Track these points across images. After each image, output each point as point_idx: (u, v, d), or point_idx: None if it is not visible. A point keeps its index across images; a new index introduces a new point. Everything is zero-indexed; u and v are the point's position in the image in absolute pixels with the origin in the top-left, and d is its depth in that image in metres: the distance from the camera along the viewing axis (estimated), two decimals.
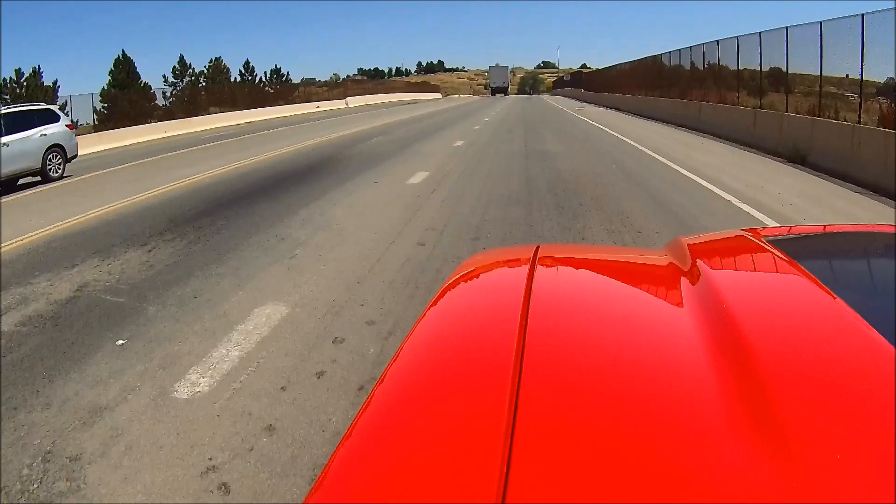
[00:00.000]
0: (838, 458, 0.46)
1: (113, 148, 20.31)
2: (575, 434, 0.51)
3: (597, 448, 0.49)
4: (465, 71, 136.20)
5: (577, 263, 1.11)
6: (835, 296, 0.74)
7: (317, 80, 57.26)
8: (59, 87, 29.44)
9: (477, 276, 1.03)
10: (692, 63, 20.53)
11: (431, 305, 0.85)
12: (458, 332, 0.78)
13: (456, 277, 0.98)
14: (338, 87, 55.39)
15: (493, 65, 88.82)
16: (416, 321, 0.79)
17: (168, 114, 30.02)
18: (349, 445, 0.54)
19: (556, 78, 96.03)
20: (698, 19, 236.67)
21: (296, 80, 51.80)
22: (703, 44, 18.84)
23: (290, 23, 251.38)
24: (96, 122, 27.00)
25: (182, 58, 38.80)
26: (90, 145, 20.33)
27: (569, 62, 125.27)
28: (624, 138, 14.93)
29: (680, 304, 0.79)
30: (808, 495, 0.42)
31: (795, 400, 0.53)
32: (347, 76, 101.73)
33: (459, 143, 14.45)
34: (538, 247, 1.03)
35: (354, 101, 47.73)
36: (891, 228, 1.17)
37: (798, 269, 0.87)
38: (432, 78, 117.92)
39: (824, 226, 2.50)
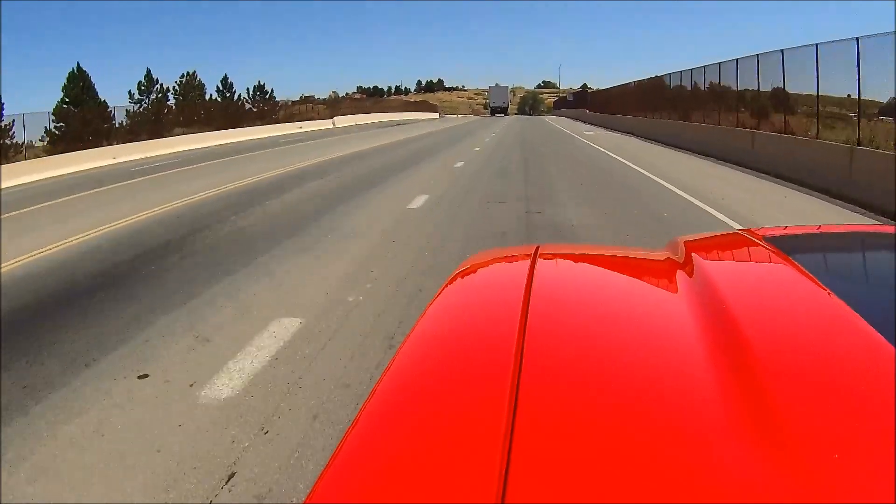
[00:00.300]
0: (837, 457, 0.45)
1: (39, 180, 16.28)
2: (575, 432, 0.51)
3: (596, 446, 0.49)
4: (465, 90, 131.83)
5: (577, 262, 1.11)
6: (833, 294, 0.74)
7: (315, 97, 52.37)
8: (3, 104, 24.39)
9: (477, 275, 1.03)
10: (694, 84, 18.96)
11: (432, 304, 0.84)
12: (459, 331, 0.77)
13: (456, 276, 0.97)
14: (335, 105, 51.22)
15: (493, 84, 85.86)
16: (417, 320, 0.78)
17: (131, 134, 26.10)
18: (349, 445, 0.54)
19: (556, 98, 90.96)
20: (699, 41, 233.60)
21: (295, 97, 48.02)
22: (714, 63, 17.55)
23: (290, 39, 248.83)
24: (46, 144, 23.49)
25: (149, 72, 33.70)
26: (15, 175, 15.89)
27: (569, 82, 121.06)
28: (675, 189, 9.43)
29: (679, 304, 0.80)
30: (806, 494, 0.42)
31: (793, 396, 0.53)
32: (347, 94, 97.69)
33: (419, 201, 8.83)
34: (538, 246, 1.04)
35: (344, 121, 43.84)
36: (889, 229, 1.18)
37: (796, 268, 0.88)
38: (431, 97, 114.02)
39: (821, 226, 2.35)
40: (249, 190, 10.83)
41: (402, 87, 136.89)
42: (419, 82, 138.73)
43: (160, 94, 33.56)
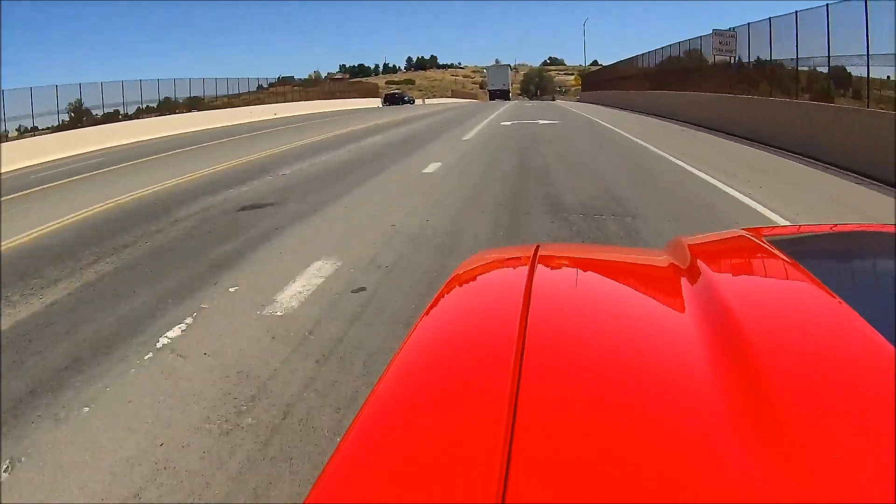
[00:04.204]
0: (837, 457, 0.48)
1: None
2: (575, 434, 0.54)
3: (596, 448, 0.52)
4: (462, 67, 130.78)
5: (577, 263, 1.17)
6: (834, 295, 0.79)
7: (294, 77, 50.45)
8: None
9: (477, 276, 1.09)
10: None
11: (432, 305, 0.89)
12: (459, 332, 0.82)
13: (456, 277, 1.03)
14: (314, 87, 48.14)
15: (493, 63, 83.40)
16: (417, 320, 0.83)
17: None
18: (349, 445, 0.57)
19: (593, 69, 71.37)
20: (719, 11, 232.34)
21: (272, 78, 44.20)
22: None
23: (269, 13, 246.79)
24: None
25: None
26: None
27: (575, 60, 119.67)
28: None
29: (680, 304, 0.84)
30: (806, 494, 0.45)
31: (795, 399, 0.56)
32: (328, 74, 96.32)
33: None
34: (538, 246, 1.10)
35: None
36: (890, 228, 1.23)
37: (797, 268, 0.94)
38: (420, 75, 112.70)
39: (823, 225, 2.45)
40: None
41: (391, 66, 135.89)
42: (409, 59, 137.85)
43: None
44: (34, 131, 23.10)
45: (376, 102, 55.37)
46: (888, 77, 10.28)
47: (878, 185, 8.10)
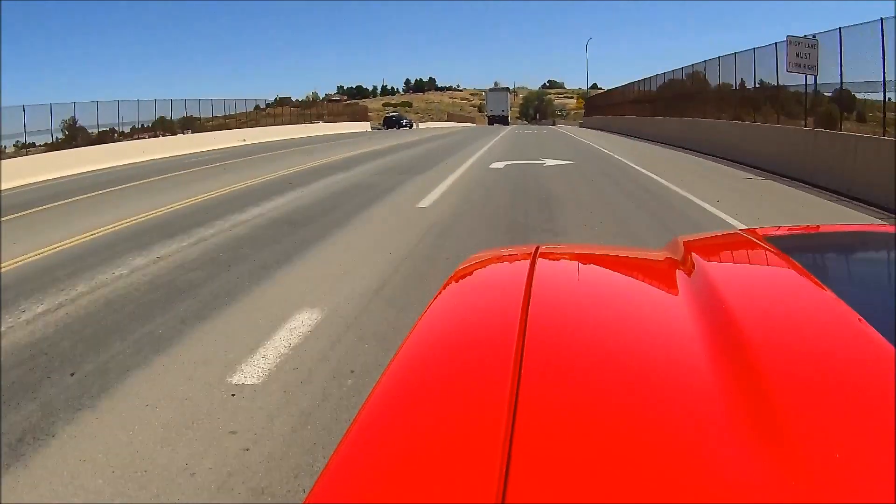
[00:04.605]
0: (837, 457, 0.49)
1: None
2: (575, 432, 0.55)
3: (596, 446, 0.53)
4: (460, 90, 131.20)
5: (576, 261, 1.18)
6: (830, 291, 0.80)
7: (291, 98, 50.90)
8: None
9: (477, 275, 1.10)
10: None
11: (432, 304, 0.90)
12: (459, 331, 0.83)
13: (456, 276, 1.04)
14: (311, 107, 48.49)
15: (492, 85, 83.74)
16: (417, 319, 0.83)
17: None
18: (349, 444, 0.57)
19: (597, 92, 66.04)
20: (718, 35, 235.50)
21: (270, 98, 43.80)
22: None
23: (268, 33, 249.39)
24: None
25: None
26: None
27: (574, 83, 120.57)
28: None
29: (678, 300, 0.86)
30: (806, 494, 0.45)
31: (793, 396, 0.57)
32: (326, 95, 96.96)
33: None
34: (538, 246, 1.11)
35: None
36: (889, 228, 1.26)
37: (793, 264, 0.96)
38: (418, 98, 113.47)
39: (821, 226, 2.47)
40: None
41: (389, 87, 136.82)
42: (407, 81, 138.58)
43: None
44: (29, 148, 23.11)
45: (365, 126, 51.70)
46: (889, 99, 10.59)
47: None
